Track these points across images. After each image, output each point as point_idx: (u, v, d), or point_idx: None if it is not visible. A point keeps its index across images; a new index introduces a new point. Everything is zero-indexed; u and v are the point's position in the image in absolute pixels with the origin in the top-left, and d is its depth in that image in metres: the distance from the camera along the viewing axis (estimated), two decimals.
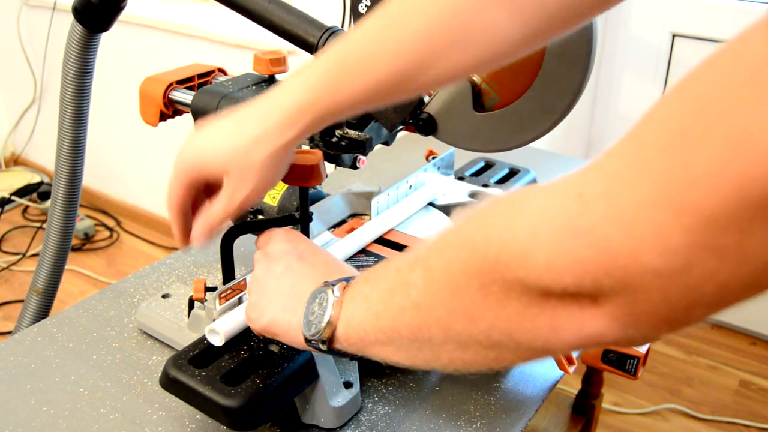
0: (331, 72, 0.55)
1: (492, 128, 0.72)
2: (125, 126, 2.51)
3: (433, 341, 0.44)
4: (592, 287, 0.34)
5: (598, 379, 1.23)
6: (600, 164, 0.34)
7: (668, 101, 0.32)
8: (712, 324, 2.07)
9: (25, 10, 2.66)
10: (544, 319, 0.37)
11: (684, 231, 0.30)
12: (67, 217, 1.04)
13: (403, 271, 0.46)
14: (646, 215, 0.31)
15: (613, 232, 0.32)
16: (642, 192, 0.31)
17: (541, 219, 0.36)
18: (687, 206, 0.29)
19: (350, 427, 0.67)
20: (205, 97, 0.81)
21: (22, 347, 0.76)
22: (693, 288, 0.31)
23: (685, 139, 0.29)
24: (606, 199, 0.33)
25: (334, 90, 0.55)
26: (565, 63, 0.66)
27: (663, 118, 0.32)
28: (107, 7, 0.89)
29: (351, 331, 0.50)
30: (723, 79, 0.29)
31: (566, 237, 0.34)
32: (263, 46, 1.92)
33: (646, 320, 0.34)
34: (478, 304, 0.40)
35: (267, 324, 0.56)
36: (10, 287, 2.29)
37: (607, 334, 0.36)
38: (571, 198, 0.34)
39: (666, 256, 0.30)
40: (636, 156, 0.32)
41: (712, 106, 0.29)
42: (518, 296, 0.38)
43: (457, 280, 0.41)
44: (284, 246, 0.60)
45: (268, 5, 0.75)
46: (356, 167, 0.78)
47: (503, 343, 0.40)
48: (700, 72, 0.31)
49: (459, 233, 0.42)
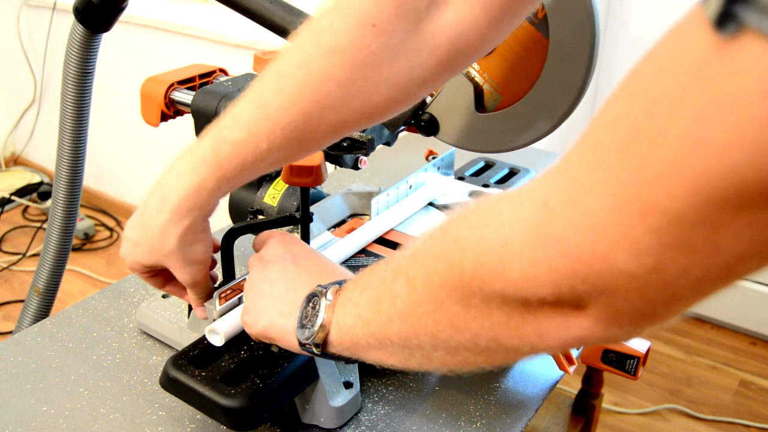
0: (217, 151, 0.55)
1: (494, 129, 0.72)
2: (125, 126, 2.51)
3: (423, 348, 0.44)
4: (570, 294, 0.34)
5: (598, 379, 1.23)
6: (560, 170, 0.34)
7: (616, 103, 0.32)
8: (712, 324, 2.07)
9: (25, 10, 2.65)
10: (528, 327, 0.38)
11: (651, 232, 0.30)
12: (68, 217, 1.04)
13: (388, 281, 0.46)
14: (612, 220, 0.31)
15: (583, 239, 0.32)
16: (604, 197, 0.31)
17: (512, 230, 0.36)
18: (650, 207, 0.29)
19: (350, 427, 0.67)
20: (205, 97, 0.81)
21: (22, 347, 0.76)
22: (668, 285, 0.31)
23: (640, 140, 0.30)
24: (571, 206, 0.33)
25: (225, 166, 0.55)
26: (568, 64, 0.66)
27: (614, 121, 0.32)
28: (108, 7, 0.89)
29: (343, 335, 0.50)
30: (669, 78, 0.29)
31: (538, 248, 0.34)
32: (263, 46, 1.92)
33: (628, 319, 0.34)
34: (461, 316, 0.40)
35: (263, 329, 0.57)
36: (10, 287, 2.29)
37: (592, 335, 0.36)
38: (537, 208, 0.34)
39: (637, 258, 0.30)
40: (594, 159, 0.32)
41: (661, 107, 0.29)
42: (499, 307, 0.38)
43: (438, 293, 0.41)
44: (279, 250, 0.60)
45: (269, 5, 0.76)
46: (358, 168, 0.78)
47: (491, 348, 0.41)
48: (644, 70, 0.31)
49: (436, 244, 0.42)
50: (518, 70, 0.69)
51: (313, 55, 0.51)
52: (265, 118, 0.53)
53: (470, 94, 0.71)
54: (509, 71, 0.69)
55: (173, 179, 0.57)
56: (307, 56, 0.52)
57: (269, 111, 0.53)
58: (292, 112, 0.52)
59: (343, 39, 0.50)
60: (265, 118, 0.53)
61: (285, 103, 0.52)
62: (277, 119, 0.53)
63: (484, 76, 0.71)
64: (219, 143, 0.55)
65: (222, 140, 0.55)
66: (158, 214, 0.58)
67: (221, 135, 0.55)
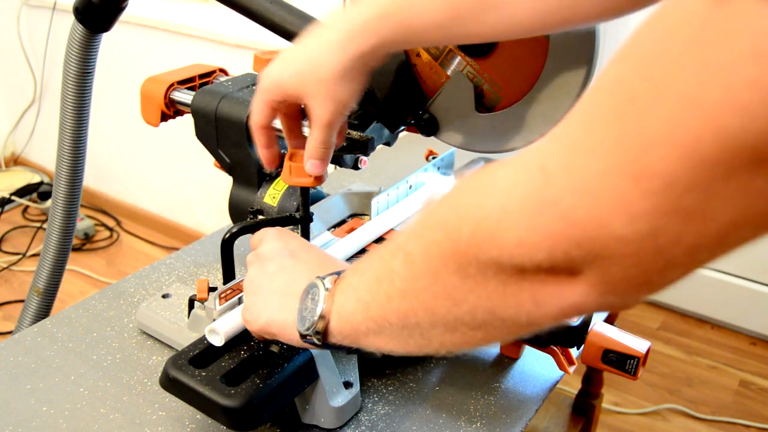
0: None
1: (494, 129, 0.72)
2: (125, 126, 2.51)
3: (422, 326, 0.44)
4: (564, 260, 0.34)
5: (598, 379, 1.23)
6: (559, 135, 0.34)
7: (616, 67, 0.32)
8: (712, 324, 2.07)
9: (25, 10, 2.66)
10: (525, 295, 0.37)
11: (645, 196, 0.30)
12: (68, 217, 1.04)
13: (386, 259, 0.46)
14: (608, 183, 0.31)
15: (578, 203, 0.32)
16: (601, 160, 0.31)
17: (509, 195, 0.36)
18: (645, 171, 0.29)
19: (350, 427, 0.67)
20: (205, 97, 0.81)
21: (22, 347, 0.76)
22: (663, 251, 0.31)
23: (636, 104, 0.30)
24: (567, 170, 0.33)
25: (408, 5, 0.55)
26: (568, 64, 0.66)
27: (612, 84, 0.32)
28: (108, 7, 0.89)
29: (344, 322, 0.50)
30: (666, 41, 0.29)
31: (534, 212, 0.34)
32: (263, 46, 1.92)
33: (623, 286, 0.34)
34: (458, 287, 0.40)
35: (264, 324, 0.56)
36: (10, 287, 2.29)
37: (588, 303, 0.36)
38: (534, 172, 0.34)
39: (631, 223, 0.30)
40: (591, 124, 0.32)
41: (659, 70, 0.29)
42: (495, 275, 0.38)
43: (435, 264, 0.41)
44: (276, 245, 0.60)
45: (270, 5, 0.75)
46: (358, 168, 0.78)
47: (488, 321, 0.41)
48: (643, 35, 0.31)
49: (434, 215, 0.42)
50: (519, 70, 0.69)
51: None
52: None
53: (471, 93, 0.71)
54: (510, 71, 0.69)
55: (363, 5, 0.56)
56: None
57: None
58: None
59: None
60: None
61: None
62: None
63: (484, 76, 0.71)
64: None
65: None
66: (329, 32, 0.56)
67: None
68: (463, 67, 0.71)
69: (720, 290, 2.01)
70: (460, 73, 0.71)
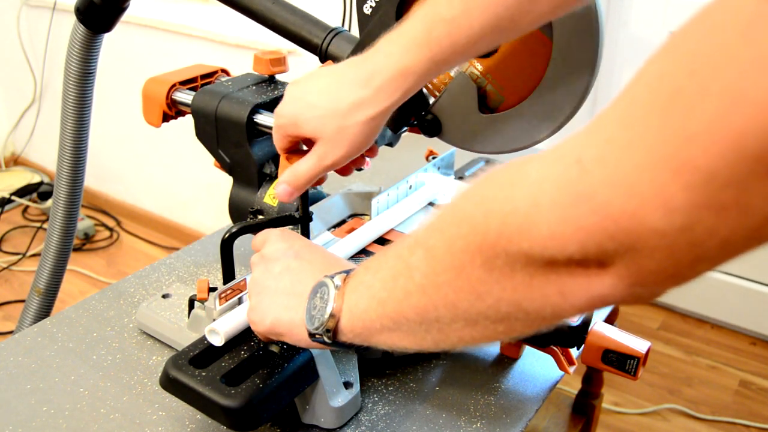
0: (430, 31, 0.55)
1: (497, 130, 0.72)
2: (126, 126, 2.51)
3: (441, 321, 0.44)
4: (596, 252, 0.34)
5: (598, 379, 1.23)
6: (596, 127, 0.34)
7: (660, 60, 0.32)
8: (712, 324, 2.07)
9: (25, 10, 2.66)
10: (552, 286, 0.37)
11: (684, 189, 0.30)
12: (69, 217, 1.04)
13: (404, 256, 0.46)
14: (646, 177, 0.31)
15: (614, 196, 0.32)
16: (640, 154, 0.31)
17: (541, 188, 0.36)
18: (685, 164, 0.29)
19: (350, 427, 0.67)
20: (204, 97, 0.81)
21: (22, 347, 0.76)
22: (696, 245, 0.31)
23: (680, 97, 0.30)
24: (604, 163, 0.33)
25: (435, 48, 0.55)
26: (572, 65, 0.66)
27: (656, 77, 0.32)
28: (110, 7, 0.89)
29: (356, 320, 0.50)
30: (714, 35, 0.29)
31: (568, 205, 0.34)
32: (263, 46, 1.92)
33: (653, 278, 0.34)
34: (483, 280, 0.40)
35: (270, 325, 0.56)
36: (10, 287, 2.29)
37: (615, 294, 0.36)
38: (570, 164, 0.34)
39: (668, 216, 0.30)
40: (631, 117, 0.32)
41: (705, 64, 0.29)
42: (523, 267, 0.38)
43: (460, 258, 0.41)
44: (280, 246, 0.60)
45: (272, 6, 0.76)
46: (360, 168, 0.78)
47: (512, 314, 0.40)
48: (690, 29, 0.31)
49: (458, 210, 0.42)
50: (522, 72, 0.69)
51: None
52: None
53: (474, 94, 0.71)
54: (513, 72, 0.69)
55: (381, 58, 0.56)
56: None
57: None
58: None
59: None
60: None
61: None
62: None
63: (487, 77, 0.71)
64: (432, 22, 0.55)
65: (436, 18, 0.55)
66: (359, 88, 0.56)
67: (435, 12, 0.55)
68: (467, 68, 0.71)
69: (720, 290, 2.01)
70: (463, 74, 0.71)
